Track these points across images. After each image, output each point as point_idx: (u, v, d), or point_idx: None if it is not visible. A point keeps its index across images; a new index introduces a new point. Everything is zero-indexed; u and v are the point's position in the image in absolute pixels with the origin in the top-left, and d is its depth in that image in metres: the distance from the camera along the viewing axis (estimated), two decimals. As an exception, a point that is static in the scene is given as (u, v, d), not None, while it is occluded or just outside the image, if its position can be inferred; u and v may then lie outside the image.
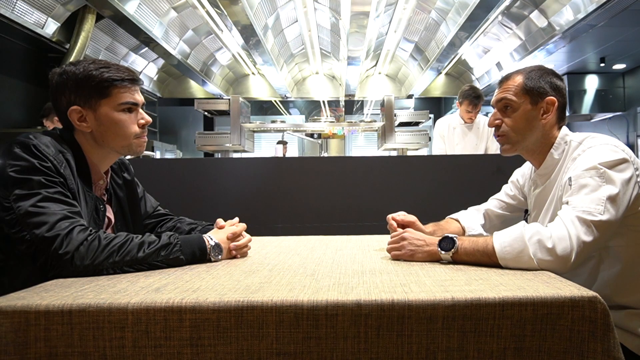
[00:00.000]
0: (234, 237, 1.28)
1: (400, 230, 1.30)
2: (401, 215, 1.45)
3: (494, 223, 1.60)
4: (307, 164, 3.00)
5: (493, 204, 1.62)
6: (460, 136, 3.72)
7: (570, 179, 1.21)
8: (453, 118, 3.81)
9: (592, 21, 4.64)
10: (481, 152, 3.72)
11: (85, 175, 1.25)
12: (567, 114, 8.09)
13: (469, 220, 1.59)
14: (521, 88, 1.35)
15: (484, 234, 1.57)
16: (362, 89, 8.63)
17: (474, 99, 3.56)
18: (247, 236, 1.32)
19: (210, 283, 0.97)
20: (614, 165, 1.18)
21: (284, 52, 7.10)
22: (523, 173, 1.56)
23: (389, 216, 1.46)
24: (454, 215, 1.63)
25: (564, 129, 1.37)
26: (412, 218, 1.46)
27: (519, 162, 1.57)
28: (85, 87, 1.23)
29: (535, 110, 1.34)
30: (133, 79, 1.27)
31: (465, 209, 1.66)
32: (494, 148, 3.79)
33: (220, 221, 1.32)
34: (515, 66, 6.12)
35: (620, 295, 1.24)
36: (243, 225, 1.33)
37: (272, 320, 0.83)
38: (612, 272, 1.25)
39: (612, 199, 1.15)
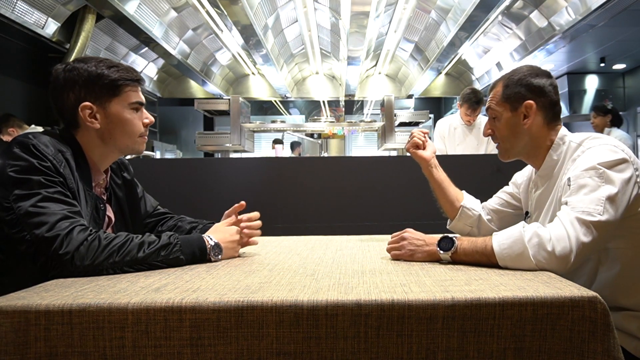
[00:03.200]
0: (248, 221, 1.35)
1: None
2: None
3: (492, 217, 1.61)
4: (307, 164, 3.00)
5: (494, 200, 1.63)
6: (462, 136, 3.73)
7: (569, 179, 1.21)
8: (454, 118, 3.81)
9: (592, 21, 4.64)
10: (482, 152, 3.72)
11: (85, 174, 1.25)
12: (568, 113, 8.03)
13: (471, 201, 1.61)
14: (500, 97, 1.37)
15: (477, 212, 1.59)
16: (362, 89, 8.64)
17: (474, 103, 3.58)
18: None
19: (210, 283, 0.97)
20: (613, 165, 1.18)
21: (284, 52, 7.10)
22: (523, 174, 1.57)
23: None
24: (464, 191, 1.65)
25: (563, 129, 1.36)
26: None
27: (519, 162, 1.57)
28: (97, 85, 1.24)
29: (516, 117, 1.35)
30: (140, 79, 1.31)
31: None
32: (492, 149, 3.79)
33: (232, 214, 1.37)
34: (515, 66, 6.11)
35: (619, 297, 1.23)
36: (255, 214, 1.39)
37: (272, 320, 0.83)
38: (610, 274, 1.24)
39: (611, 199, 1.14)
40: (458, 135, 3.73)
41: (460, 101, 3.65)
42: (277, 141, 7.77)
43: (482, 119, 3.76)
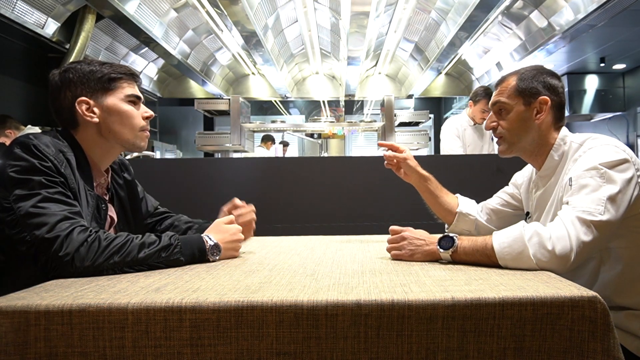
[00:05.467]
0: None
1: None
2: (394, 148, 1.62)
3: (491, 217, 1.61)
4: (307, 164, 3.00)
5: (495, 200, 1.63)
6: (471, 137, 3.67)
7: (570, 179, 1.21)
8: (461, 119, 3.69)
9: (592, 21, 4.64)
10: (486, 152, 3.69)
11: (87, 174, 1.25)
12: (567, 113, 8.05)
13: (467, 205, 1.61)
14: (514, 90, 1.36)
15: (473, 217, 1.60)
16: (362, 89, 8.63)
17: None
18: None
19: (210, 283, 0.97)
20: (614, 165, 1.18)
21: (284, 52, 7.10)
22: (523, 175, 1.56)
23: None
24: (458, 195, 1.66)
25: (564, 129, 1.37)
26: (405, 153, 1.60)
27: (519, 162, 1.57)
28: (91, 80, 1.27)
29: (529, 111, 1.34)
30: (133, 74, 1.33)
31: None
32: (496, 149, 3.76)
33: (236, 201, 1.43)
34: (516, 66, 6.11)
35: (621, 296, 1.23)
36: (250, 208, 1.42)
37: (272, 320, 0.83)
38: (612, 273, 1.24)
39: (612, 199, 1.14)
40: (468, 136, 3.66)
41: (477, 97, 3.49)
42: (284, 143, 7.89)
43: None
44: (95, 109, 1.27)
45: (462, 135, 3.68)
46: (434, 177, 1.62)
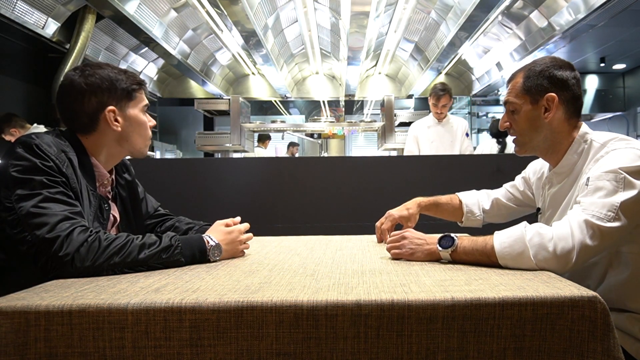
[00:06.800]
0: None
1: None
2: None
3: (501, 212, 1.60)
4: (307, 164, 3.00)
5: (502, 193, 1.62)
6: (435, 134, 3.77)
7: (588, 178, 1.17)
8: (428, 118, 3.87)
9: (592, 21, 4.65)
10: (456, 151, 3.74)
11: (89, 174, 1.26)
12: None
13: (472, 204, 1.63)
14: (520, 89, 1.32)
15: (478, 217, 1.62)
16: (362, 89, 8.64)
17: (439, 91, 3.64)
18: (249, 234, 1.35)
19: (210, 283, 0.97)
20: (636, 171, 1.13)
21: (284, 52, 7.10)
22: (535, 170, 1.53)
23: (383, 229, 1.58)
24: (462, 194, 1.66)
25: (584, 127, 1.32)
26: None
27: (519, 162, 1.57)
28: (117, 89, 1.28)
29: (537, 110, 1.30)
30: (143, 82, 1.37)
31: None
32: (468, 149, 3.78)
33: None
34: (515, 66, 6.12)
35: (626, 300, 1.21)
36: (246, 225, 1.35)
37: (272, 320, 0.83)
38: (619, 277, 1.22)
39: (626, 207, 1.10)
40: (432, 133, 3.78)
41: (429, 93, 3.72)
42: (292, 144, 7.92)
43: (454, 119, 3.79)
44: (119, 118, 1.29)
45: (421, 134, 3.80)
46: (430, 202, 1.63)
